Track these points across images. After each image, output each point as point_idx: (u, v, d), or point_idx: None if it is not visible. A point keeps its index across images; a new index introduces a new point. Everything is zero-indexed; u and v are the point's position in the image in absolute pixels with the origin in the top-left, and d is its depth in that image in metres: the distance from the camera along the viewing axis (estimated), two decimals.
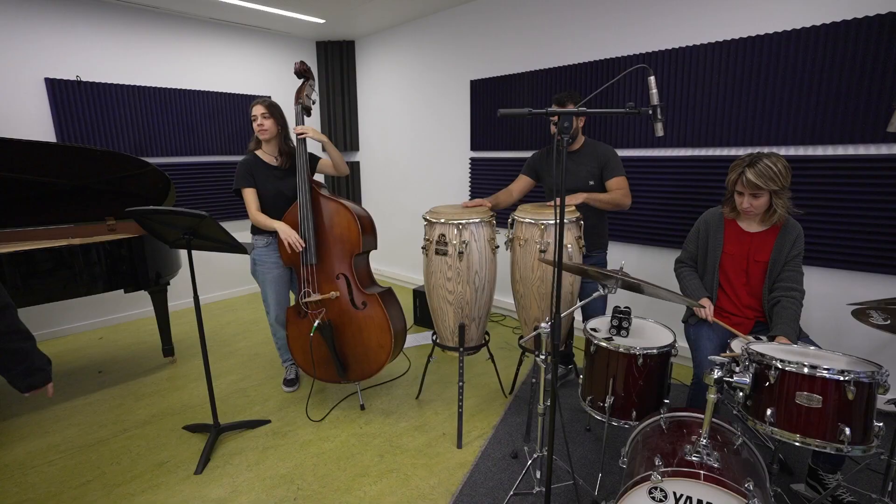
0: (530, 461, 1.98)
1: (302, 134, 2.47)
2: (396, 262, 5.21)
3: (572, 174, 2.53)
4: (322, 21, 4.40)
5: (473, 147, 4.12)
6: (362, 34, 4.95)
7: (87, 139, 3.77)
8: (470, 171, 4.19)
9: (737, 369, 1.47)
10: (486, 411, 2.65)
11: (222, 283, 4.72)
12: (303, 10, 4.13)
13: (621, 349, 1.85)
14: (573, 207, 2.31)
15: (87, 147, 2.88)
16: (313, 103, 2.61)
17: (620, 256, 3.26)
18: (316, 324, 2.49)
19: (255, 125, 2.56)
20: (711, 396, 1.40)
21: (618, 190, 2.43)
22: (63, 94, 3.64)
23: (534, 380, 2.32)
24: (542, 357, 1.77)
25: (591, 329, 2.00)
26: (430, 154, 4.56)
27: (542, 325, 1.74)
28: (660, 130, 1.45)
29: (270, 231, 2.53)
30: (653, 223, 3.13)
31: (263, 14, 4.15)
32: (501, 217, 2.68)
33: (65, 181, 2.93)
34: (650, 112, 1.42)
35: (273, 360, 3.34)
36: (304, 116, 2.56)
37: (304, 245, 2.44)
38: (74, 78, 3.69)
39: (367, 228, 2.52)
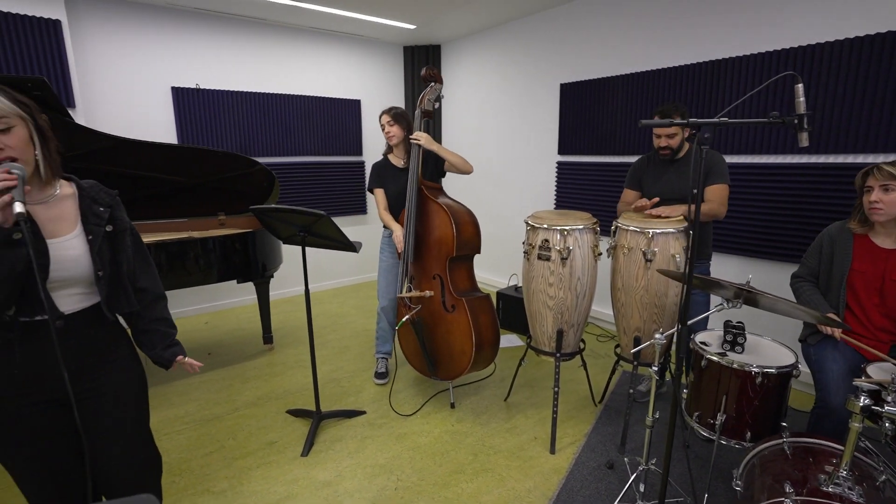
0: (634, 474, 1.95)
1: (415, 141, 2.57)
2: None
3: (676, 183, 2.44)
4: (413, 27, 4.53)
5: (561, 151, 4.08)
6: (449, 38, 5.04)
7: (201, 141, 4.12)
8: (556, 175, 4.16)
9: (888, 398, 1.36)
10: (576, 418, 2.63)
11: (310, 276, 4.97)
12: (396, 17, 4.28)
13: (735, 365, 1.77)
14: (681, 216, 2.24)
15: (207, 148, 3.16)
16: (436, 107, 2.70)
17: (722, 267, 3.11)
18: (405, 318, 2.59)
19: (383, 132, 2.77)
20: (856, 425, 1.31)
21: (712, 200, 2.33)
22: (184, 100, 4.01)
23: (631, 390, 2.27)
24: (655, 368, 1.74)
25: (701, 343, 1.93)
26: (514, 157, 4.57)
27: (657, 336, 1.71)
28: (804, 141, 1.38)
29: None
30: (758, 234, 2.95)
31: (359, 21, 4.34)
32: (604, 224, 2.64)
33: (186, 179, 3.22)
34: (795, 122, 1.35)
35: (362, 353, 3.49)
36: (425, 120, 2.66)
37: (403, 246, 2.58)
38: (194, 86, 4.05)
39: (465, 234, 2.57)
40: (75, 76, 3.48)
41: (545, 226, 2.27)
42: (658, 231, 2.11)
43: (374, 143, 5.22)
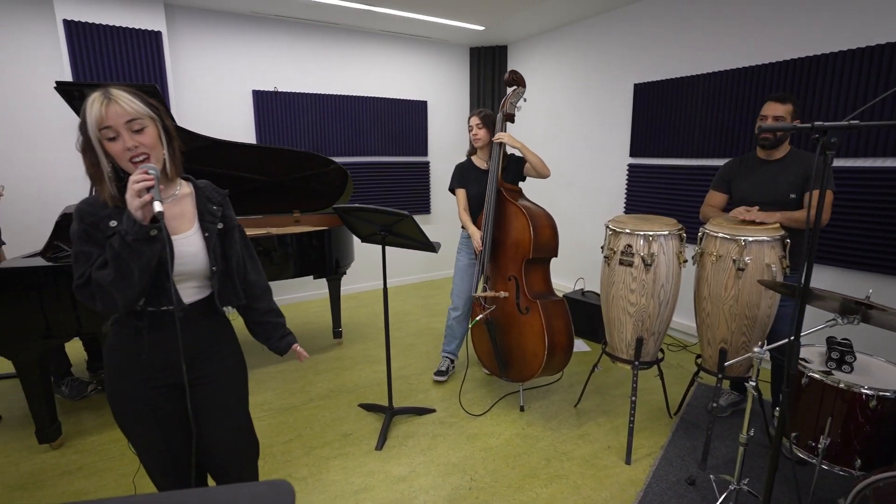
0: (724, 494, 1.86)
1: (499, 140, 2.58)
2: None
3: (771, 185, 2.31)
4: (482, 28, 4.54)
5: (633, 153, 3.96)
6: (516, 39, 5.01)
7: (277, 141, 4.32)
8: (627, 177, 4.04)
9: None
10: (650, 429, 2.54)
11: (373, 275, 5.10)
12: (465, 19, 4.30)
13: (843, 385, 1.66)
14: (776, 224, 2.12)
15: (288, 148, 3.30)
16: (518, 110, 2.71)
17: (816, 278, 2.91)
18: (478, 318, 2.61)
19: (470, 134, 2.80)
20: None
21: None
22: (263, 102, 4.21)
23: (714, 404, 2.18)
24: (753, 383, 1.65)
25: (801, 359, 1.81)
26: (583, 159, 4.48)
27: (756, 349, 1.62)
28: None
29: None
30: (857, 244, 2.74)
31: (428, 24, 4.40)
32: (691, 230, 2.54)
33: (267, 177, 3.39)
34: None
35: (428, 351, 3.54)
36: (507, 123, 2.68)
37: (481, 247, 2.59)
38: (273, 89, 4.25)
39: (542, 237, 2.55)
40: (171, 82, 3.75)
41: (627, 230, 2.21)
42: (752, 239, 2.00)
43: (440, 144, 5.28)
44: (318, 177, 3.50)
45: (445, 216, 5.41)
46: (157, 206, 1.08)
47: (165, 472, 1.36)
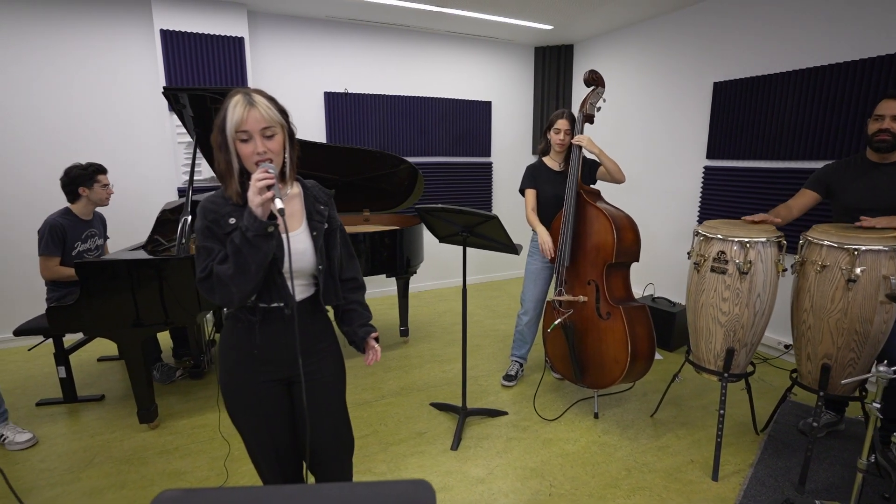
0: None
1: (578, 143, 2.55)
2: None
3: (883, 192, 2.14)
4: (550, 27, 4.48)
5: (710, 155, 3.79)
6: (583, 38, 4.91)
7: (347, 142, 4.44)
8: (703, 180, 3.87)
9: None
10: (735, 445, 2.42)
11: (434, 274, 5.15)
12: (534, 19, 4.26)
13: None
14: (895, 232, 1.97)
15: (361, 148, 3.38)
16: (598, 111, 2.67)
17: None
18: (556, 322, 2.57)
19: (556, 136, 2.74)
20: None
21: None
22: (334, 103, 4.34)
23: (815, 423, 2.04)
24: (878, 405, 1.53)
25: None
26: (655, 161, 4.33)
27: (882, 368, 1.51)
28: None
29: None
30: None
31: (496, 24, 4.38)
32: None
33: (340, 177, 3.48)
34: None
35: (495, 353, 3.54)
36: (586, 124, 2.64)
37: (553, 253, 2.55)
38: (343, 90, 4.37)
39: (625, 241, 2.48)
40: (251, 85, 3.93)
41: (720, 236, 2.11)
42: (866, 248, 1.86)
43: (503, 145, 5.26)
44: (388, 176, 3.57)
45: (506, 217, 5.31)
46: (279, 203, 1.12)
47: (270, 463, 1.42)
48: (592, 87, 2.71)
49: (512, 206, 5.42)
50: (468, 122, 4.96)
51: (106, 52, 3.61)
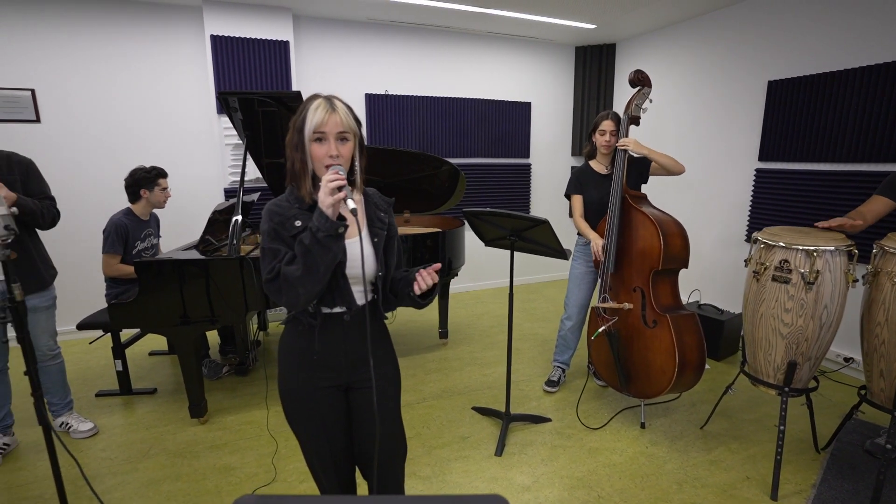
0: None
1: (623, 146, 2.48)
2: None
3: None
4: (593, 27, 4.40)
5: (762, 157, 3.64)
6: (626, 37, 4.80)
7: (387, 143, 4.47)
8: (753, 183, 3.72)
9: None
10: (794, 463, 2.31)
11: (471, 276, 5.13)
12: (577, 18, 4.18)
13: None
14: None
15: (404, 149, 3.39)
16: (643, 112, 2.61)
17: None
18: (601, 329, 2.51)
19: (601, 138, 2.70)
20: None
21: None
22: (375, 105, 4.38)
23: (889, 445, 1.92)
24: None
25: None
26: (700, 163, 4.19)
27: None
28: None
29: None
30: None
31: (537, 24, 4.33)
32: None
33: (382, 178, 3.50)
34: None
35: (534, 357, 3.49)
36: (631, 126, 2.58)
37: (602, 257, 2.50)
38: (384, 92, 4.40)
39: (673, 247, 2.40)
40: (294, 87, 4.00)
41: (783, 244, 2.02)
42: None
43: (542, 146, 5.20)
44: (429, 178, 3.57)
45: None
46: (351, 203, 1.11)
47: (327, 469, 1.41)
48: (638, 88, 2.63)
49: (550, 207, 5.35)
50: (507, 123, 4.92)
51: (160, 57, 3.74)
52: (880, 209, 2.25)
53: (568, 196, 2.87)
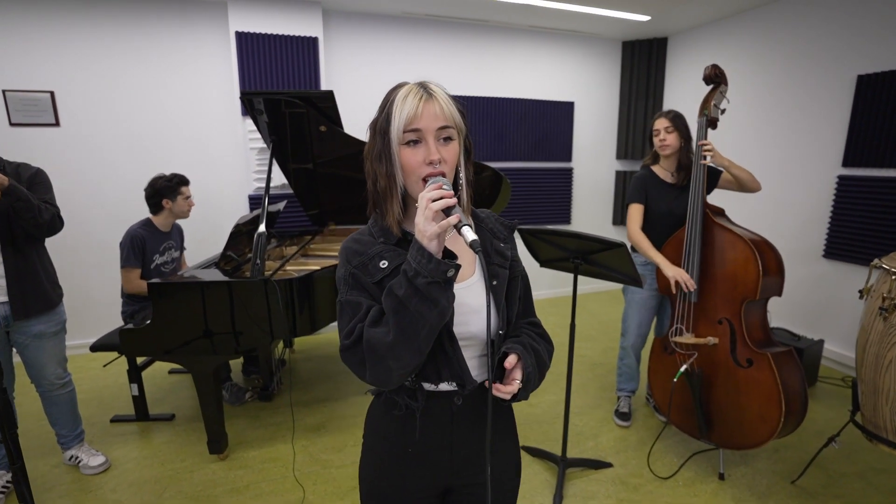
0: None
1: (707, 151, 2.13)
2: None
3: None
4: (647, 18, 4.02)
5: (847, 162, 3.21)
6: (680, 29, 4.39)
7: None
8: (835, 192, 3.29)
9: None
10: None
11: None
12: (629, 8, 3.82)
13: None
14: None
15: None
16: (722, 113, 2.25)
17: None
18: (683, 369, 2.15)
19: (656, 139, 2.38)
20: None
21: None
22: None
23: None
24: None
25: None
26: (773, 169, 3.73)
27: None
28: None
29: None
30: None
31: (584, 17, 3.97)
32: None
33: None
34: None
35: (585, 384, 3.15)
36: (709, 129, 2.22)
37: (695, 287, 2.12)
38: None
39: (772, 270, 2.04)
40: (324, 87, 3.74)
41: None
42: None
43: (585, 148, 4.83)
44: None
45: (587, 228, 4.94)
46: (469, 234, 0.76)
47: None
48: (714, 85, 2.26)
49: (593, 214, 4.98)
50: (548, 124, 4.57)
51: (181, 56, 3.53)
52: None
53: (628, 204, 2.50)
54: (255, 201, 3.77)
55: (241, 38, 3.47)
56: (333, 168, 2.94)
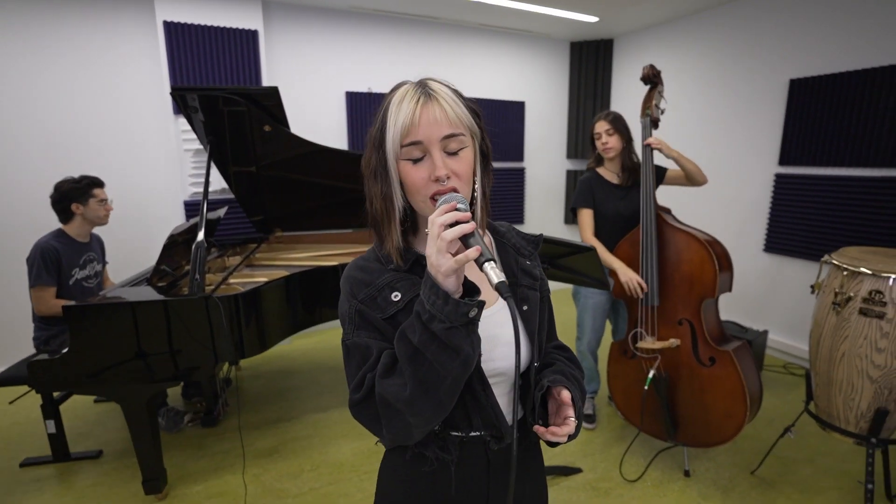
0: None
1: (657, 146, 2.12)
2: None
3: None
4: (595, 19, 4.06)
5: (783, 161, 3.38)
6: (626, 31, 4.49)
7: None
8: (773, 190, 3.45)
9: None
10: None
11: None
12: (579, 9, 3.84)
13: None
14: None
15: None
16: (662, 113, 2.25)
17: None
18: (651, 375, 2.13)
19: (598, 143, 2.34)
20: None
21: None
22: (356, 104, 3.91)
23: None
24: None
25: None
26: (715, 168, 3.83)
27: None
28: None
29: None
30: None
31: (535, 16, 3.96)
32: None
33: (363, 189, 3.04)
34: None
35: None
36: (652, 129, 2.22)
37: (646, 290, 2.10)
38: (367, 90, 3.94)
39: (724, 267, 2.07)
40: (266, 84, 3.49)
41: (870, 271, 1.70)
42: None
43: (537, 148, 4.83)
44: None
45: (539, 227, 4.96)
46: (494, 273, 0.62)
47: None
48: (651, 86, 2.28)
49: (545, 213, 5.01)
50: (500, 124, 4.54)
51: (102, 48, 3.17)
52: None
53: (574, 210, 2.44)
54: (191, 208, 3.46)
55: (171, 28, 3.16)
56: (279, 171, 2.72)
